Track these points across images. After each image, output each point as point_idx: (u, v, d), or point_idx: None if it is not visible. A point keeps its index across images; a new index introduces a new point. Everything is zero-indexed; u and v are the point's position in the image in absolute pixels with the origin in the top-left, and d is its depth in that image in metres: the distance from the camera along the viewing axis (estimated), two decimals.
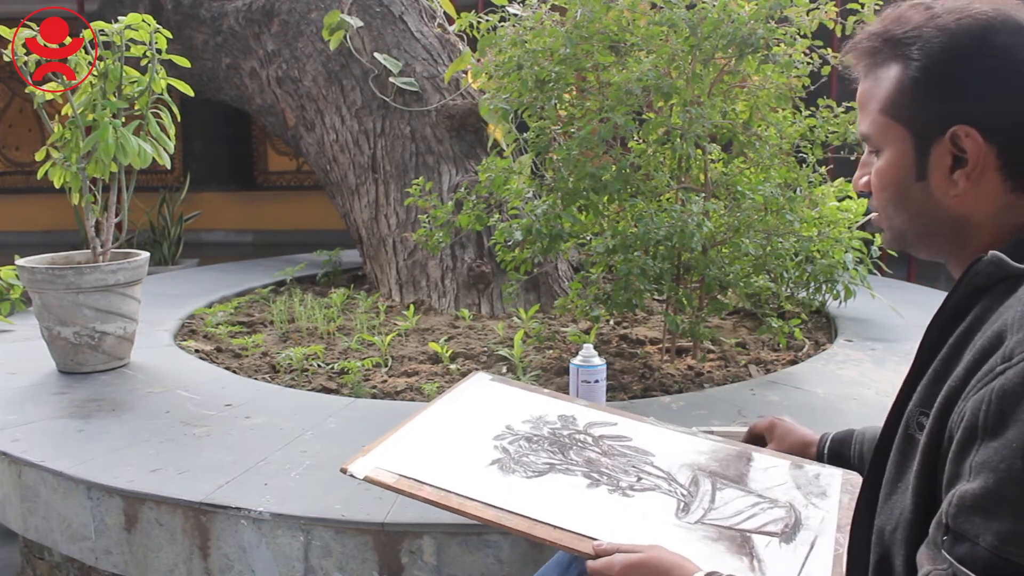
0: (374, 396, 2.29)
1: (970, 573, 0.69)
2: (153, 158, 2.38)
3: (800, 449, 1.35)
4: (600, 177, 2.38)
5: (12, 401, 2.16)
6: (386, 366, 2.57)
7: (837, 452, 1.31)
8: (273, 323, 3.13)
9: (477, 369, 2.53)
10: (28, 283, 2.41)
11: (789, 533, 1.17)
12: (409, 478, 1.24)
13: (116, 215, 2.51)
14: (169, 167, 2.48)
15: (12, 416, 2.03)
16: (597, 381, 1.91)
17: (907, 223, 0.91)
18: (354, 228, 3.99)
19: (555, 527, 1.14)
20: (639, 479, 1.30)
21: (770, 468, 1.35)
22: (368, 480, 1.23)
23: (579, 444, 1.41)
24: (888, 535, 0.85)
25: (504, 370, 2.49)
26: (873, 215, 0.99)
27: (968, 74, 0.83)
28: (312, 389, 2.34)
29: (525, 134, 2.65)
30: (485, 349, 2.71)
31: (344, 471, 1.26)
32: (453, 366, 2.53)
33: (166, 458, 1.74)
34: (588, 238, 2.64)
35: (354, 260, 4.34)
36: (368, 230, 3.84)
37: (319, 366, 2.56)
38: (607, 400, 2.21)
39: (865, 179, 0.96)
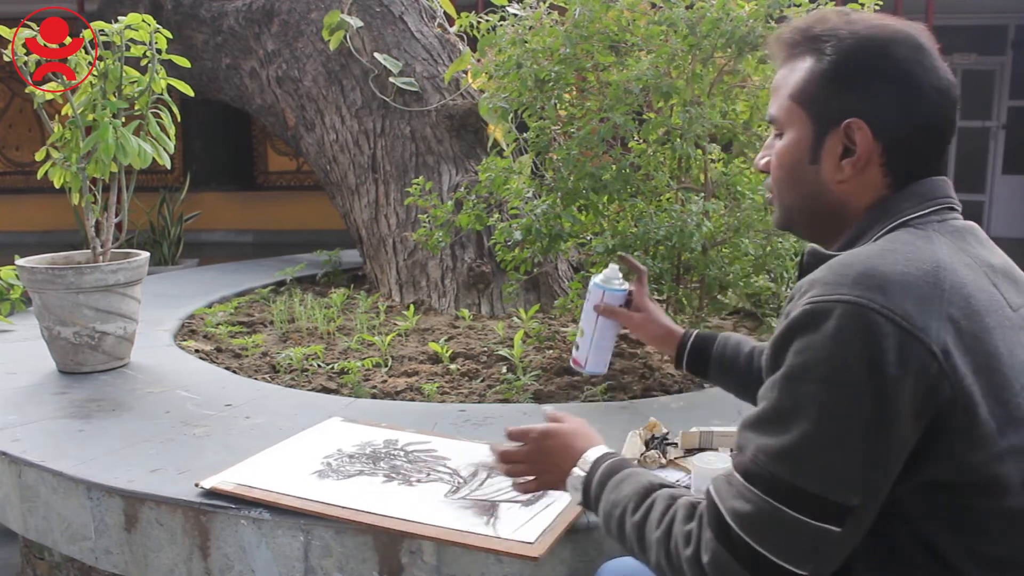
0: (374, 396, 2.29)
1: (736, 473, 0.88)
2: (153, 158, 2.38)
3: (663, 335, 1.48)
4: (600, 177, 2.38)
5: (12, 401, 2.16)
6: (386, 366, 2.57)
7: (700, 346, 1.44)
8: (273, 323, 3.13)
9: (477, 369, 2.53)
10: (28, 283, 2.41)
11: (532, 500, 1.46)
12: (243, 485, 1.53)
13: (116, 215, 2.51)
14: (169, 167, 2.47)
15: (12, 416, 2.03)
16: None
17: (796, 202, 1.03)
18: (354, 228, 3.99)
19: (341, 507, 1.45)
20: (428, 475, 1.59)
21: None
22: (212, 490, 1.53)
23: (390, 456, 1.68)
24: None
25: (504, 370, 2.49)
26: (768, 194, 1.10)
27: (868, 76, 0.94)
28: (312, 389, 2.34)
29: (525, 134, 2.65)
30: (485, 349, 2.71)
31: (197, 485, 1.55)
32: (453, 366, 2.53)
33: (166, 458, 1.74)
34: (588, 238, 2.63)
35: (354, 260, 4.34)
36: (368, 230, 3.84)
37: (319, 366, 2.56)
38: (607, 400, 2.21)
39: (766, 159, 1.07)
